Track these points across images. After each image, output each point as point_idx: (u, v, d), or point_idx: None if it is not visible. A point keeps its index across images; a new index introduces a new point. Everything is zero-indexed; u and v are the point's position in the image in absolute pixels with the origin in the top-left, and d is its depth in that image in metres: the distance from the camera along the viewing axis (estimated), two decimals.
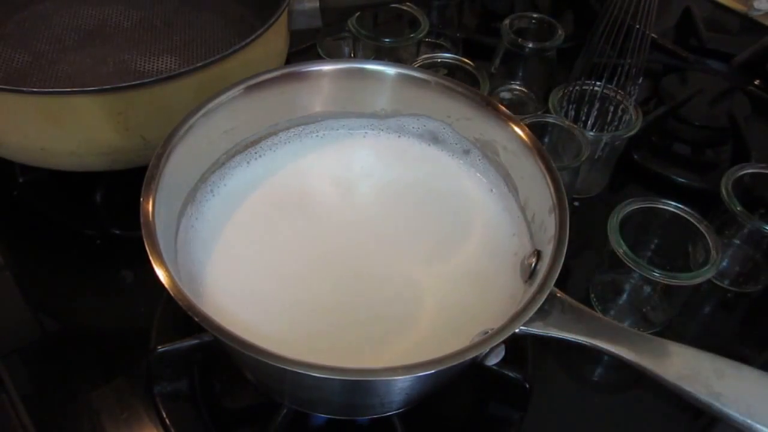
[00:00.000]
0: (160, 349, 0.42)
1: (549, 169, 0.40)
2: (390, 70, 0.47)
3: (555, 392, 0.47)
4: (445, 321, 0.40)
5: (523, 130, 0.43)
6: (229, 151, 0.46)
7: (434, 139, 0.49)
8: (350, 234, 0.45)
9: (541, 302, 0.33)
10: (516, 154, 0.44)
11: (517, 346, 0.47)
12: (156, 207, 0.36)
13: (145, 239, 0.34)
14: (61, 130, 0.48)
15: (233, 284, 0.41)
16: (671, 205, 0.48)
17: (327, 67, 0.47)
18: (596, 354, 0.34)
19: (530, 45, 0.64)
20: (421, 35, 0.64)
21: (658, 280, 0.44)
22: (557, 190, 0.39)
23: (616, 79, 0.57)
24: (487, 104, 0.45)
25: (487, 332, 0.33)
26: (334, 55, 0.73)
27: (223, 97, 0.43)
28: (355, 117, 0.50)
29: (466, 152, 0.48)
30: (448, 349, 0.31)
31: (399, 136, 0.50)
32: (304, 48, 0.73)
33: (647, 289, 0.51)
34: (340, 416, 0.43)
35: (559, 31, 0.65)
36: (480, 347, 0.31)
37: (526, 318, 0.32)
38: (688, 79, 0.70)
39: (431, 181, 0.48)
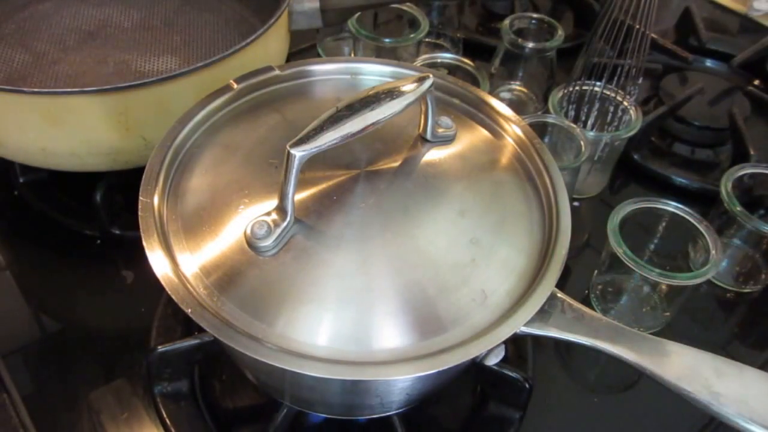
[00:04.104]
0: (160, 349, 0.42)
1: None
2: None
3: (555, 392, 0.47)
4: None
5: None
6: None
7: None
8: None
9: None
10: None
11: (517, 346, 0.47)
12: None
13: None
14: (61, 130, 0.48)
15: None
16: (671, 205, 0.48)
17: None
18: (596, 354, 0.34)
19: (530, 45, 0.64)
20: (421, 35, 0.64)
21: (658, 280, 0.44)
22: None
23: (616, 79, 0.57)
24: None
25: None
26: (334, 56, 0.73)
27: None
28: None
29: None
30: None
31: None
32: (304, 48, 0.73)
33: (647, 289, 0.51)
34: (340, 416, 0.43)
35: (559, 31, 0.65)
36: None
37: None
38: (688, 79, 0.70)
39: None
